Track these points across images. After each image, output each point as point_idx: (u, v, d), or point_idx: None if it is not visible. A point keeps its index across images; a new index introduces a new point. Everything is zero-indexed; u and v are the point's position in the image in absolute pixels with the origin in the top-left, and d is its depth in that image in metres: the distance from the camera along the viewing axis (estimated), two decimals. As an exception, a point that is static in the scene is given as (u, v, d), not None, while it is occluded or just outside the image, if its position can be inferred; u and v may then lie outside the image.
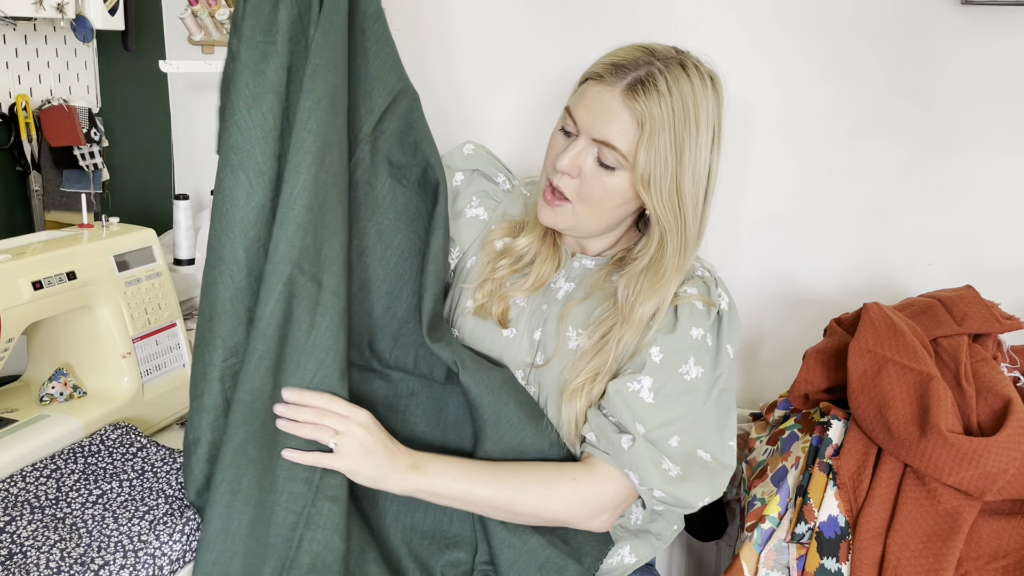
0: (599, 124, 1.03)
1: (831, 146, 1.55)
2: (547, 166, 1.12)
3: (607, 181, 1.05)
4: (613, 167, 1.05)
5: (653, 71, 1.02)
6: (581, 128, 1.06)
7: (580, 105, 1.06)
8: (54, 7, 1.43)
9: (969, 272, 1.52)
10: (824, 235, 1.59)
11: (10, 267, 1.15)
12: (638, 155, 1.02)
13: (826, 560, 1.12)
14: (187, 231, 1.63)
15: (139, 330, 1.33)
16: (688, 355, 1.07)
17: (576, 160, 1.06)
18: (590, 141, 1.05)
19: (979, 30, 1.43)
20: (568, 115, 1.08)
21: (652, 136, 1.01)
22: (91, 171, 1.58)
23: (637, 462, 1.03)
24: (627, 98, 1.02)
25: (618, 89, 1.02)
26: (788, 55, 1.53)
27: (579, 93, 1.08)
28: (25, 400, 1.29)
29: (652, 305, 1.07)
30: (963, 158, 1.49)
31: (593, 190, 1.06)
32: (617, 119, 1.02)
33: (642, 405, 1.04)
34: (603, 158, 1.05)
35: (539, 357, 1.15)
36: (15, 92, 1.52)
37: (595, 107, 1.04)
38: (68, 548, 1.01)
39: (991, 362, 1.22)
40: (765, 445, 1.36)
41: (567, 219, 1.11)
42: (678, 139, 1.01)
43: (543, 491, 1.04)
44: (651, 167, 1.02)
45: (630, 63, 1.03)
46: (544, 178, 1.12)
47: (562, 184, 1.08)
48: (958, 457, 1.08)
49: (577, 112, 1.07)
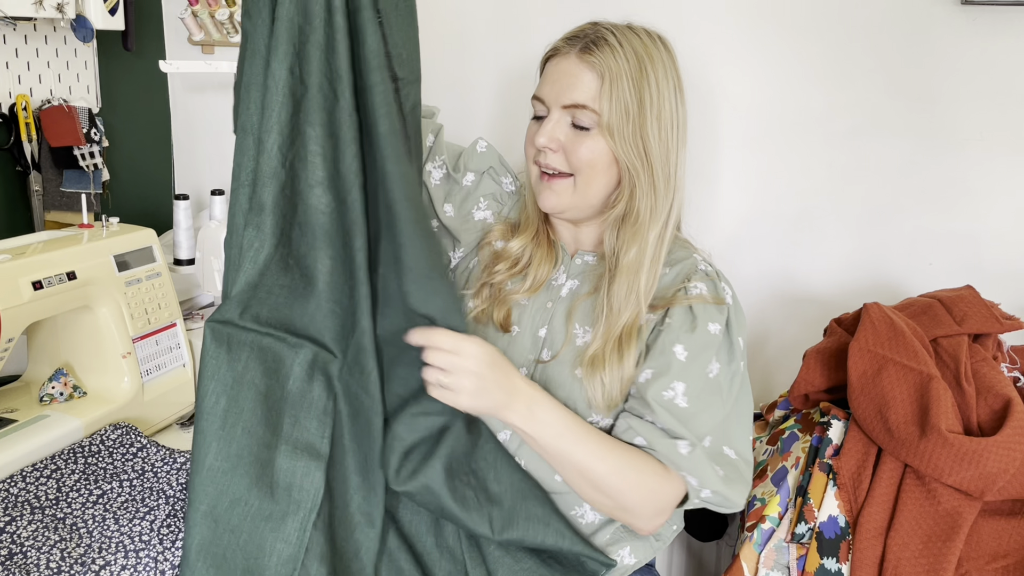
0: (564, 90, 1.07)
1: (831, 146, 1.55)
2: (529, 153, 1.14)
3: (588, 143, 1.08)
4: (588, 127, 1.07)
5: (602, 31, 1.08)
6: (549, 102, 1.09)
7: (544, 84, 1.11)
8: (54, 7, 1.43)
9: (969, 272, 1.52)
10: (824, 235, 1.59)
11: (10, 267, 1.15)
12: (602, 105, 1.06)
13: (826, 560, 1.12)
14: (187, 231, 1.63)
15: (139, 330, 1.33)
16: (710, 354, 1.08)
17: (553, 132, 1.09)
18: (561, 111, 1.08)
19: (979, 30, 1.43)
20: (536, 101, 1.12)
21: (612, 84, 1.05)
22: (91, 171, 1.58)
23: (697, 466, 1.05)
24: (583, 58, 1.06)
25: (573, 53, 1.07)
26: (788, 55, 1.53)
27: (542, 77, 1.13)
28: (25, 400, 1.29)
29: (635, 251, 1.09)
30: (963, 158, 1.49)
31: (580, 155, 1.08)
32: (579, 79, 1.07)
33: (682, 411, 1.06)
34: (577, 121, 1.08)
35: (545, 353, 1.15)
36: (15, 92, 1.52)
37: (557, 77, 1.09)
38: (68, 548, 1.01)
39: (991, 362, 1.22)
40: (765, 445, 1.36)
41: (568, 197, 1.11)
42: (637, 86, 1.05)
43: (636, 478, 1.05)
44: (613, 114, 1.05)
45: (580, 33, 1.09)
46: (530, 169, 1.14)
47: (550, 161, 1.10)
48: (958, 457, 1.08)
49: (542, 91, 1.11)
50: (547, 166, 1.11)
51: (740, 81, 1.57)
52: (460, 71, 1.73)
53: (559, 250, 1.20)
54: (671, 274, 1.14)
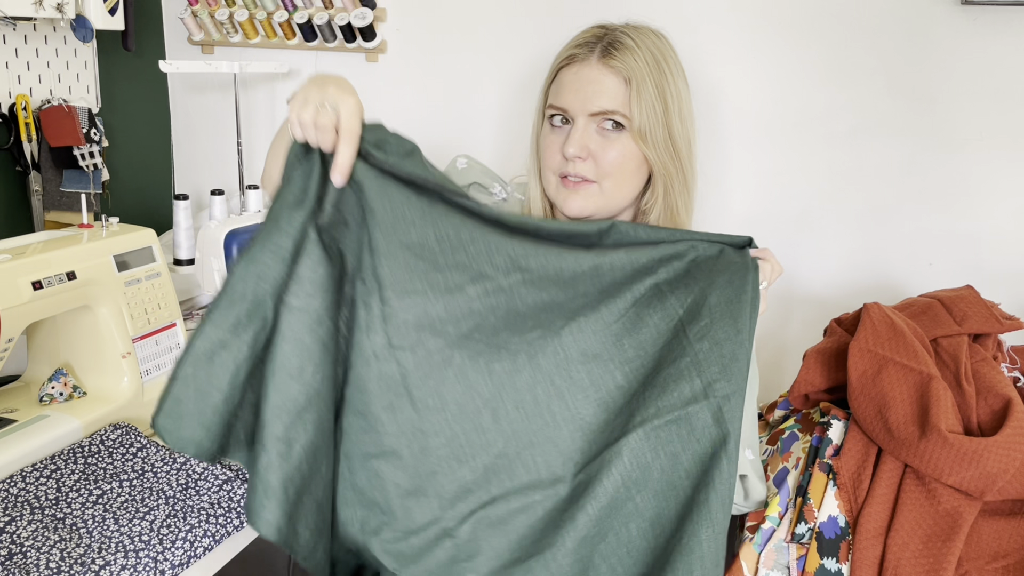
0: (590, 98, 1.06)
1: (831, 146, 1.55)
2: (550, 164, 1.11)
3: (618, 147, 1.07)
4: (617, 132, 1.07)
5: (616, 35, 1.07)
6: (573, 111, 1.07)
7: (563, 92, 1.09)
8: (54, 7, 1.43)
9: (969, 272, 1.52)
10: (824, 235, 1.59)
11: (10, 267, 1.15)
12: (632, 111, 1.05)
13: (826, 560, 1.12)
14: (187, 231, 1.63)
15: (139, 330, 1.33)
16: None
17: (583, 141, 1.07)
18: (588, 118, 1.07)
19: (979, 30, 1.43)
20: (553, 109, 1.10)
21: (639, 89, 1.04)
22: (91, 171, 1.58)
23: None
24: (605, 63, 1.06)
25: (594, 59, 1.06)
26: (788, 55, 1.53)
27: (556, 85, 1.11)
28: (25, 400, 1.29)
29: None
30: (963, 158, 1.49)
31: (611, 159, 1.07)
32: (605, 85, 1.06)
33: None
34: (604, 127, 1.07)
35: None
36: (15, 92, 1.52)
37: (580, 85, 1.07)
38: (68, 548, 1.01)
39: (991, 362, 1.22)
40: (765, 445, 1.36)
41: (595, 200, 1.10)
42: (659, 87, 1.06)
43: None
44: (644, 119, 1.05)
45: (592, 38, 1.08)
46: (548, 179, 1.12)
47: (579, 170, 1.08)
48: (958, 457, 1.08)
49: (563, 99, 1.08)
50: (576, 175, 1.08)
51: (741, 81, 1.57)
52: (465, 73, 1.73)
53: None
54: None
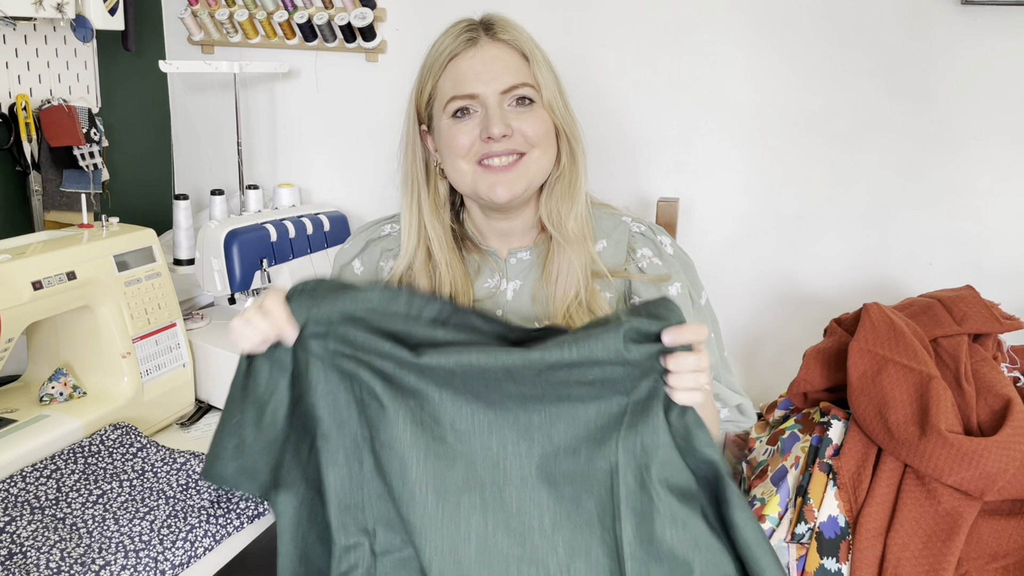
0: (499, 75, 1.06)
1: (831, 146, 1.55)
2: (462, 153, 1.08)
3: (533, 118, 1.07)
4: (532, 100, 1.08)
5: (487, 18, 1.09)
6: (484, 94, 1.06)
7: (465, 80, 1.06)
8: (54, 7, 1.43)
9: (969, 272, 1.52)
10: (824, 235, 1.59)
11: (10, 267, 1.15)
12: (539, 81, 1.07)
13: (826, 560, 1.12)
14: (187, 231, 1.63)
15: (139, 330, 1.33)
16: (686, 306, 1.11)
17: (503, 118, 1.06)
18: (499, 96, 1.06)
19: (979, 30, 1.43)
20: (458, 100, 1.07)
21: (536, 60, 1.07)
22: (91, 171, 1.58)
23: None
24: (497, 42, 1.07)
25: (485, 41, 1.07)
26: (788, 55, 1.53)
27: (451, 78, 1.08)
28: (25, 400, 1.29)
29: (574, 214, 1.10)
30: (963, 158, 1.49)
31: (536, 129, 1.07)
32: (507, 62, 1.07)
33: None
34: (514, 105, 1.07)
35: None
36: (15, 92, 1.52)
37: (481, 67, 1.06)
38: (68, 548, 1.01)
39: (991, 362, 1.22)
40: (765, 445, 1.36)
41: (523, 178, 1.08)
42: (544, 56, 1.09)
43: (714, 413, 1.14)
44: (546, 86, 1.07)
45: (468, 27, 1.09)
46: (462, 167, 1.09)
47: (509, 146, 1.06)
48: (958, 457, 1.08)
49: (468, 86, 1.06)
50: (508, 151, 1.06)
51: (741, 81, 1.57)
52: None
53: (482, 260, 1.16)
54: (611, 247, 1.13)
